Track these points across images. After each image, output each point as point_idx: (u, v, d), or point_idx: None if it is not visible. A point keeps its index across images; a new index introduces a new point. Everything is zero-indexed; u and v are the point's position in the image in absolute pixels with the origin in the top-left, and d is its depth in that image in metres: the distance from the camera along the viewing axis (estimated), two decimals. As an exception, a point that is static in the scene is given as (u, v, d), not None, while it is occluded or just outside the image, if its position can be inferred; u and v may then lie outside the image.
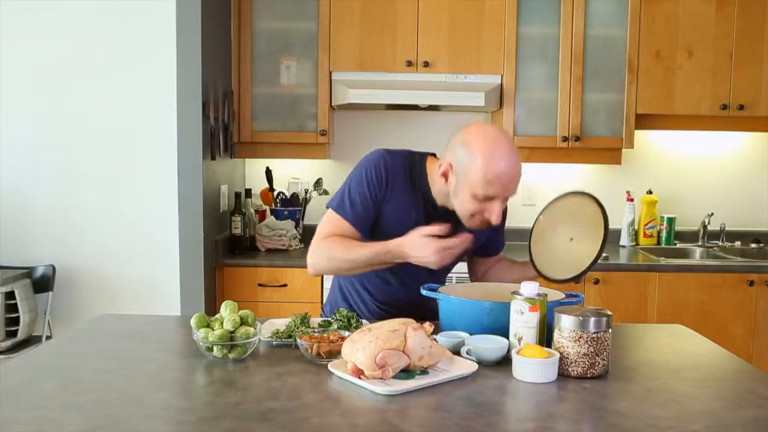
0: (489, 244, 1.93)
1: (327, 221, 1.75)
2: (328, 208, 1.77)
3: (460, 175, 1.64)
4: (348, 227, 1.71)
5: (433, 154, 1.83)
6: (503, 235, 1.97)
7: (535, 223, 1.78)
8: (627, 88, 3.29)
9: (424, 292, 1.67)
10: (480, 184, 1.60)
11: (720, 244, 3.59)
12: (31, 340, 3.12)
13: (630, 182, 3.66)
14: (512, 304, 1.44)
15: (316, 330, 1.54)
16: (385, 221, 1.73)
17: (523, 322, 1.42)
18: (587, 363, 1.35)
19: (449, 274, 2.98)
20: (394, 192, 1.72)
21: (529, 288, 1.42)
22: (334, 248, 1.69)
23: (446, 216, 1.71)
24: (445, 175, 1.68)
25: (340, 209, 1.72)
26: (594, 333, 1.35)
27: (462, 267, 3.08)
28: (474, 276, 2.02)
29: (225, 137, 3.15)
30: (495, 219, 1.64)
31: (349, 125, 3.61)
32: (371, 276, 1.81)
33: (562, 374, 1.37)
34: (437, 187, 1.73)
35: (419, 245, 1.60)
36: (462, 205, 1.66)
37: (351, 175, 1.76)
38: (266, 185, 3.48)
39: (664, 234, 3.60)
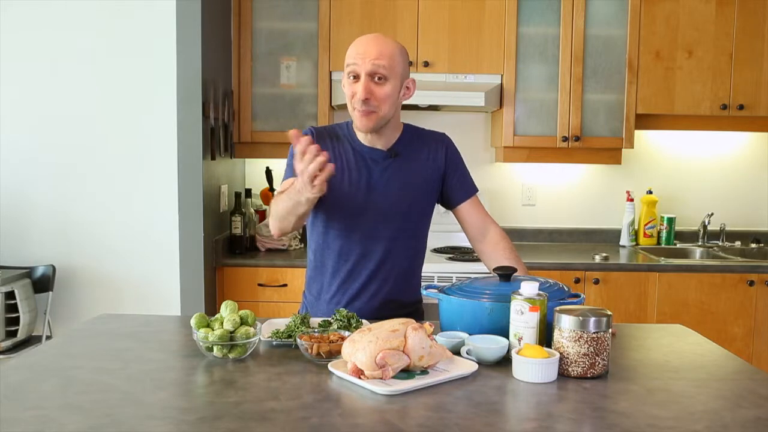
0: (453, 190, 1.92)
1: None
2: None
3: (343, 78, 1.79)
4: (290, 181, 1.80)
5: None
6: (468, 179, 1.95)
7: None
8: (627, 88, 3.29)
9: (424, 292, 1.68)
10: (345, 62, 1.76)
11: (720, 244, 3.59)
12: (31, 340, 3.12)
13: (630, 182, 3.67)
14: (512, 304, 1.44)
15: (316, 330, 1.54)
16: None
17: (523, 322, 1.41)
18: (587, 363, 1.35)
19: (450, 274, 3.00)
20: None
21: (529, 288, 1.42)
22: (274, 203, 1.78)
23: (370, 152, 1.84)
24: (343, 87, 1.81)
25: (285, 175, 1.86)
26: (594, 333, 1.35)
27: (457, 267, 3.08)
28: (471, 240, 1.98)
29: (225, 137, 3.15)
30: (360, 93, 1.72)
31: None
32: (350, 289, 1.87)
33: (562, 374, 1.37)
34: (360, 132, 1.85)
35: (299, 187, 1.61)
36: (346, 96, 1.78)
37: None
38: (266, 185, 3.48)
39: (664, 234, 3.60)
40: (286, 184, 1.81)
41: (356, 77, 1.74)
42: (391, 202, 1.83)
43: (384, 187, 1.83)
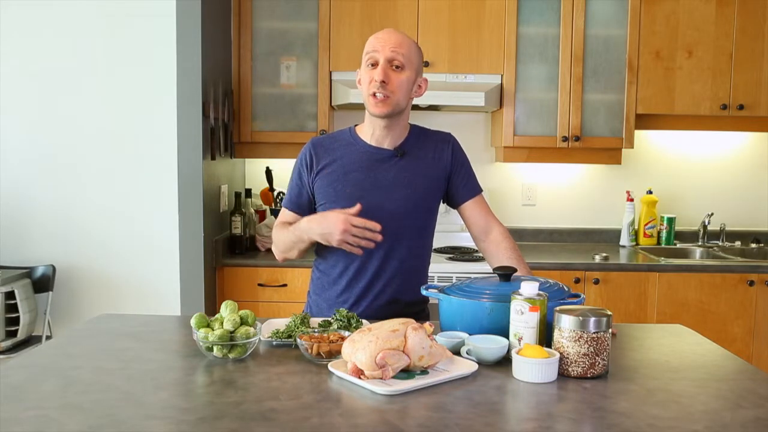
0: (458, 189, 1.94)
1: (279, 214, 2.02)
2: None
3: (360, 70, 1.85)
4: (288, 213, 1.95)
5: None
6: (473, 178, 1.97)
7: None
8: (627, 88, 3.29)
9: (424, 292, 1.68)
10: (364, 52, 1.82)
11: (720, 244, 3.59)
12: (31, 340, 3.12)
13: (630, 182, 3.67)
14: (512, 304, 1.44)
15: (316, 330, 1.54)
16: (330, 182, 1.88)
17: (523, 322, 1.41)
18: (587, 363, 1.35)
19: (450, 274, 3.00)
20: (326, 160, 1.90)
21: (529, 288, 1.42)
22: (276, 234, 1.92)
23: (376, 152, 1.87)
24: (359, 83, 1.87)
25: (284, 201, 1.99)
26: (594, 333, 1.35)
27: (457, 267, 3.09)
28: (475, 239, 1.99)
29: (225, 137, 3.15)
30: (378, 74, 1.76)
31: (349, 125, 3.60)
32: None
33: (562, 374, 1.37)
34: (365, 130, 1.91)
35: (327, 219, 1.75)
36: (363, 84, 1.82)
37: None
38: (266, 185, 3.48)
39: (664, 234, 3.60)
40: (287, 216, 1.93)
41: (374, 65, 1.79)
42: (396, 200, 1.84)
43: (390, 185, 1.85)
